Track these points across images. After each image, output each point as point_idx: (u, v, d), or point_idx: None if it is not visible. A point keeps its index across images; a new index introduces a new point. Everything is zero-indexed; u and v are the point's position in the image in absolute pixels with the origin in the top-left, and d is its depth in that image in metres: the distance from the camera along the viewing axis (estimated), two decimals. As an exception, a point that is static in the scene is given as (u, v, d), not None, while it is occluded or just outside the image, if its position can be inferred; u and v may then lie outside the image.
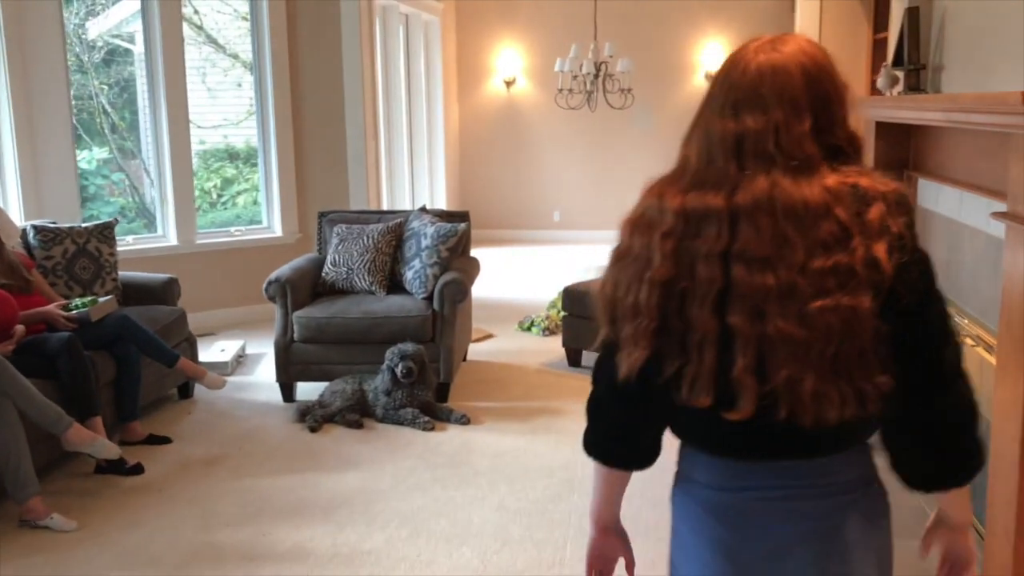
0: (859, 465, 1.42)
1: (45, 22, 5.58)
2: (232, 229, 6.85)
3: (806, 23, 6.71)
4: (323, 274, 5.15)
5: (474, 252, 5.77)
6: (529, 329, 6.38)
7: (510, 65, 10.56)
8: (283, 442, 4.38)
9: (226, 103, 7.64)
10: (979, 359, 3.27)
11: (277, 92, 6.73)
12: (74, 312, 4.22)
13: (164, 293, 5.09)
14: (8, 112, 5.43)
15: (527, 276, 8.56)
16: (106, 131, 6.90)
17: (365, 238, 5.16)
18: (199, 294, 6.39)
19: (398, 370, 4.50)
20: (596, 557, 1.64)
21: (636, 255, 1.36)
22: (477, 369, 5.51)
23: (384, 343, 4.66)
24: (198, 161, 7.48)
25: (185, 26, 6.44)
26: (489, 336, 6.24)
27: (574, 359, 5.51)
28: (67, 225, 5.04)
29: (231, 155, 7.74)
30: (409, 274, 5.05)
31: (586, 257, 9.36)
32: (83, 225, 5.06)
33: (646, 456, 1.51)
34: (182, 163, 6.40)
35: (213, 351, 5.63)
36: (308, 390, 4.95)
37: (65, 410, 3.68)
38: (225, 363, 5.45)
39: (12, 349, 3.86)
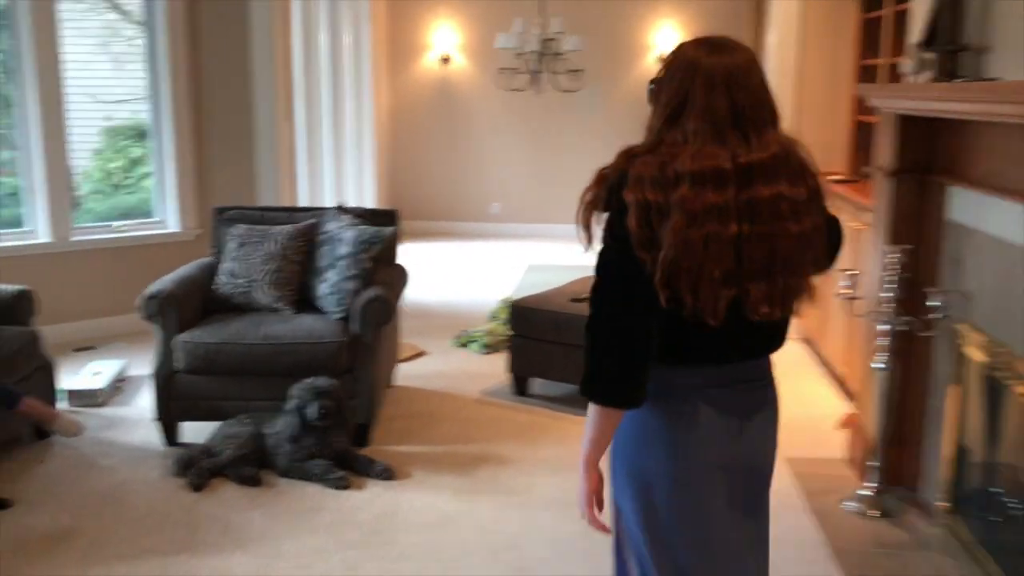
0: (770, 364, 1.89)
1: None
2: (114, 224, 5.81)
3: (783, 3, 5.95)
4: (215, 285, 4.19)
5: (404, 247, 4.85)
6: (467, 345, 5.51)
7: (445, 41, 9.61)
8: (156, 506, 3.45)
9: (134, 75, 6.63)
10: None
11: (173, 61, 5.74)
12: None
13: (14, 310, 4.06)
14: None
15: (464, 276, 7.67)
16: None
17: (270, 243, 4.22)
18: (76, 301, 5.45)
19: (309, 411, 3.61)
20: (592, 494, 1.82)
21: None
22: (404, 398, 4.62)
23: (290, 375, 3.76)
24: (105, 139, 6.42)
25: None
26: (420, 354, 5.35)
27: (521, 387, 4.65)
28: None
29: (140, 133, 6.73)
30: (323, 288, 4.14)
31: (529, 254, 8.52)
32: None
33: (639, 393, 1.70)
34: (55, 143, 5.37)
35: (85, 374, 4.63)
36: (197, 429, 4.01)
37: None
38: (97, 391, 4.47)
39: None
